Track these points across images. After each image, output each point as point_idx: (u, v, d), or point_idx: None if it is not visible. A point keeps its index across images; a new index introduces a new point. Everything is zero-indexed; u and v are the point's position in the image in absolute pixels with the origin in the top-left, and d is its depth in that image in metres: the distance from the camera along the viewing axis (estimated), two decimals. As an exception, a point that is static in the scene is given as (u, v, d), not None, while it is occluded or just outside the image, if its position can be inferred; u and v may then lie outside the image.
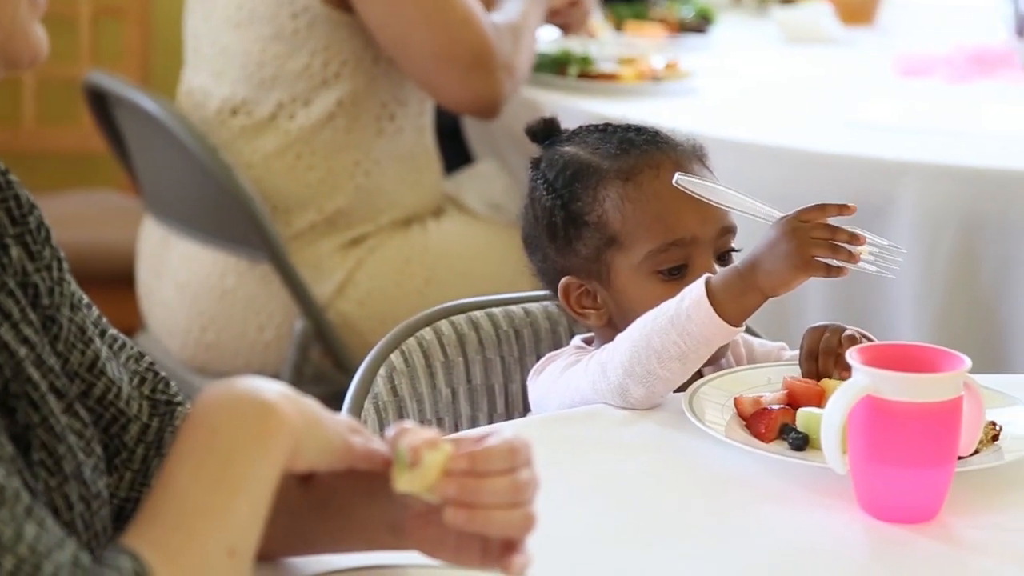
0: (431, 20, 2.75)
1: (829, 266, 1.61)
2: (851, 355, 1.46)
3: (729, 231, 1.78)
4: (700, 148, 1.84)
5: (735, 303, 1.65)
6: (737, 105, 3.20)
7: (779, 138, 2.87)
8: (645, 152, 1.80)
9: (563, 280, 1.82)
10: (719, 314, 1.64)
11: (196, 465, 1.15)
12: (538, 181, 1.84)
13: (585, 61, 3.26)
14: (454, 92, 2.80)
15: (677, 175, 1.71)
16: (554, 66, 3.25)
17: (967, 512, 1.48)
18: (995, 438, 1.59)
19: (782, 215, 1.65)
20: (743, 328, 1.67)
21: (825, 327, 1.73)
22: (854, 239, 1.61)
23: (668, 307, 1.68)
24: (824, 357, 1.71)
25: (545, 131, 1.88)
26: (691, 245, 1.75)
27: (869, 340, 1.71)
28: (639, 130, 1.83)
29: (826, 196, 2.66)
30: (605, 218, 1.78)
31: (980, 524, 1.47)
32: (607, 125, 1.87)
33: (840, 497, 1.49)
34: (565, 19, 3.18)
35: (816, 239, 1.61)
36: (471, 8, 2.78)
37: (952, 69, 3.36)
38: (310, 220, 2.86)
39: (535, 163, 1.86)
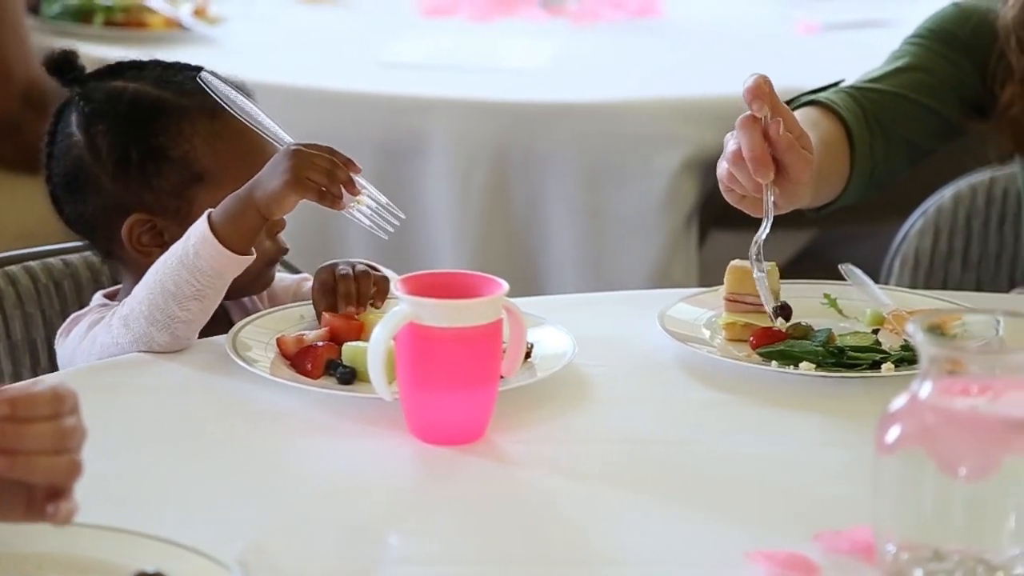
0: None
1: (322, 193, 1.64)
2: (395, 285, 1.50)
3: None
4: (244, 86, 1.83)
5: (235, 228, 1.65)
6: (269, 50, 3.20)
7: (312, 80, 2.89)
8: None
9: (130, 217, 1.78)
10: (224, 245, 1.65)
11: None
12: (96, 117, 1.79)
13: (110, 9, 3.19)
14: None
15: (203, 71, 1.72)
16: (78, 15, 3.16)
17: (509, 429, 1.54)
18: (527, 357, 1.66)
19: (294, 142, 1.67)
20: (253, 255, 1.68)
21: (336, 263, 1.75)
22: (351, 173, 1.64)
23: (177, 248, 1.67)
24: (341, 298, 1.72)
25: (66, 64, 1.83)
26: None
27: (376, 271, 1.74)
28: (197, 69, 1.80)
29: (362, 136, 2.75)
30: (193, 154, 1.77)
31: (521, 439, 1.53)
32: (153, 61, 1.84)
33: (391, 425, 1.52)
34: None
35: (315, 164, 1.64)
36: None
37: (474, 7, 3.45)
38: None
39: (84, 99, 1.81)
